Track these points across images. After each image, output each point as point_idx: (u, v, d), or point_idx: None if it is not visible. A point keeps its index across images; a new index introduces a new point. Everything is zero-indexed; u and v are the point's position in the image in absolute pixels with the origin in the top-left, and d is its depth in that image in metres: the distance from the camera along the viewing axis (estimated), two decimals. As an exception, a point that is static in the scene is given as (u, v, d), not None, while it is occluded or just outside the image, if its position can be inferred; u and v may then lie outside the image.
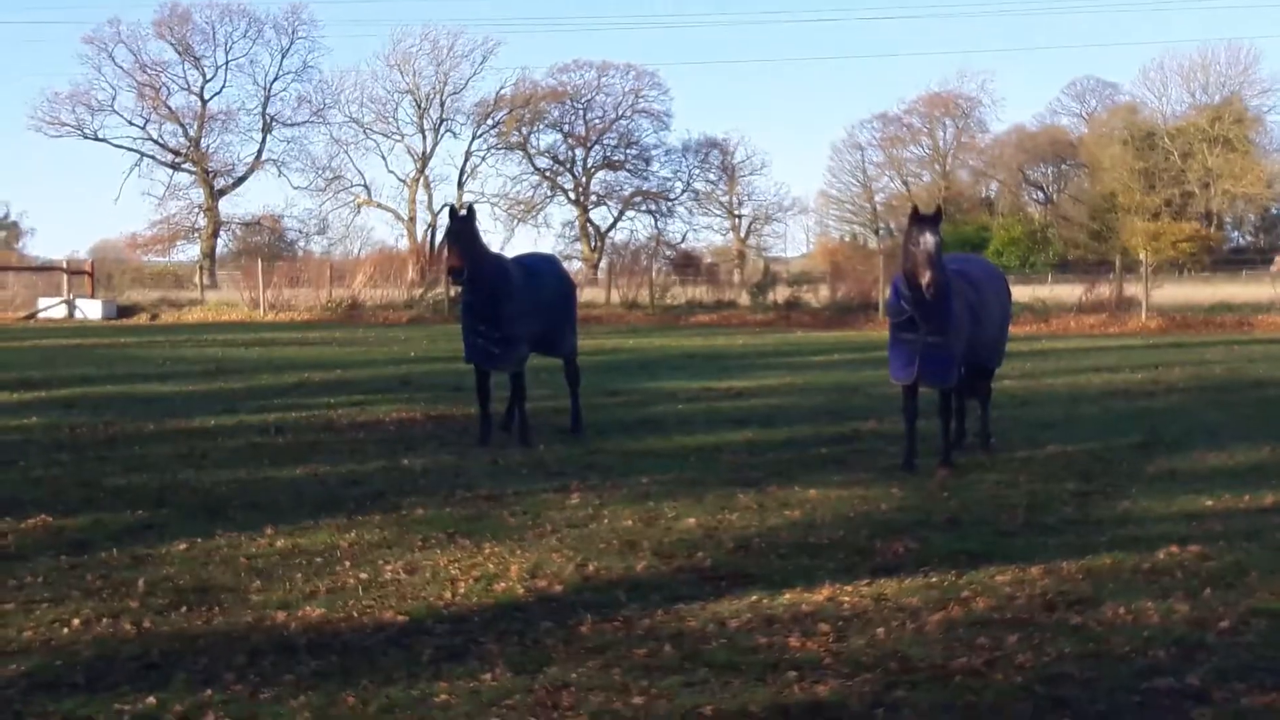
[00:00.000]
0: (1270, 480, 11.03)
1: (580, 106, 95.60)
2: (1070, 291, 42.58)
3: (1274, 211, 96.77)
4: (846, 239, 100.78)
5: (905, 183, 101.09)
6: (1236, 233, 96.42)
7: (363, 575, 8.09)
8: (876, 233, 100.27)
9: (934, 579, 7.89)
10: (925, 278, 11.24)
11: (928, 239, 11.30)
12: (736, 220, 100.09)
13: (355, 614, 7.28)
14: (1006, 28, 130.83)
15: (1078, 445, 13.13)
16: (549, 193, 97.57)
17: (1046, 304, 39.04)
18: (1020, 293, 32.45)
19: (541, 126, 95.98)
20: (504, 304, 13.37)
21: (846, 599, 7.47)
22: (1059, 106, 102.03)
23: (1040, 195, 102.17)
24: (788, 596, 7.52)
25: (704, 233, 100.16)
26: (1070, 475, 11.45)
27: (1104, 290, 41.13)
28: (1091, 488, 10.89)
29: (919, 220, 11.54)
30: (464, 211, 13.40)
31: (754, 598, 7.51)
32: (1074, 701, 5.81)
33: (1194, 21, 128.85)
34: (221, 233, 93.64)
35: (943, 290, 11.35)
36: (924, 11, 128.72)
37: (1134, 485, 10.97)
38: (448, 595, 7.65)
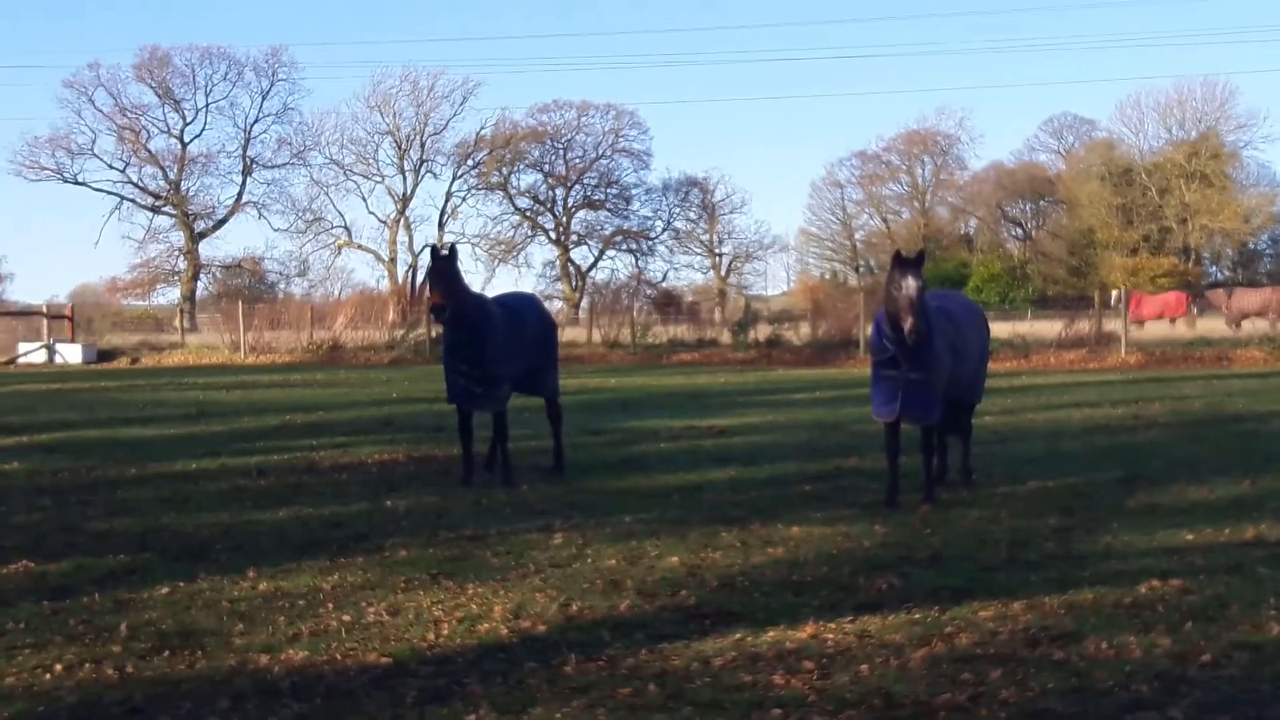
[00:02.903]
0: (1250, 514, 11.08)
1: (560, 146, 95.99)
2: (1050, 327, 42.81)
3: (1251, 246, 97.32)
4: (827, 276, 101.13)
5: (885, 220, 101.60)
6: (1215, 267, 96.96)
7: (346, 617, 8.08)
8: (857, 270, 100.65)
9: (917, 615, 7.90)
10: (908, 324, 11.26)
11: (910, 284, 11.30)
12: (717, 258, 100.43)
13: (339, 656, 7.26)
14: (984, 65, 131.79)
15: (1059, 480, 13.17)
16: (530, 232, 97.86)
17: (1026, 340, 39.19)
18: (1000, 329, 32.61)
19: (522, 166, 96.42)
20: (486, 344, 13.37)
21: (830, 636, 7.47)
22: (1037, 143, 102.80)
23: (1019, 232, 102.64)
24: (771, 634, 7.53)
25: (685, 271, 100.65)
26: (1052, 510, 11.48)
27: (1083, 326, 41.38)
28: (1073, 523, 10.92)
29: (902, 264, 11.53)
30: (446, 251, 13.42)
31: (738, 635, 7.51)
32: (1057, 736, 5.82)
33: (1170, 58, 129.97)
34: (201, 275, 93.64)
35: (924, 334, 11.39)
36: (902, 50, 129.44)
37: (1115, 520, 11.00)
38: (431, 637, 7.64)
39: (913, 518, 11.27)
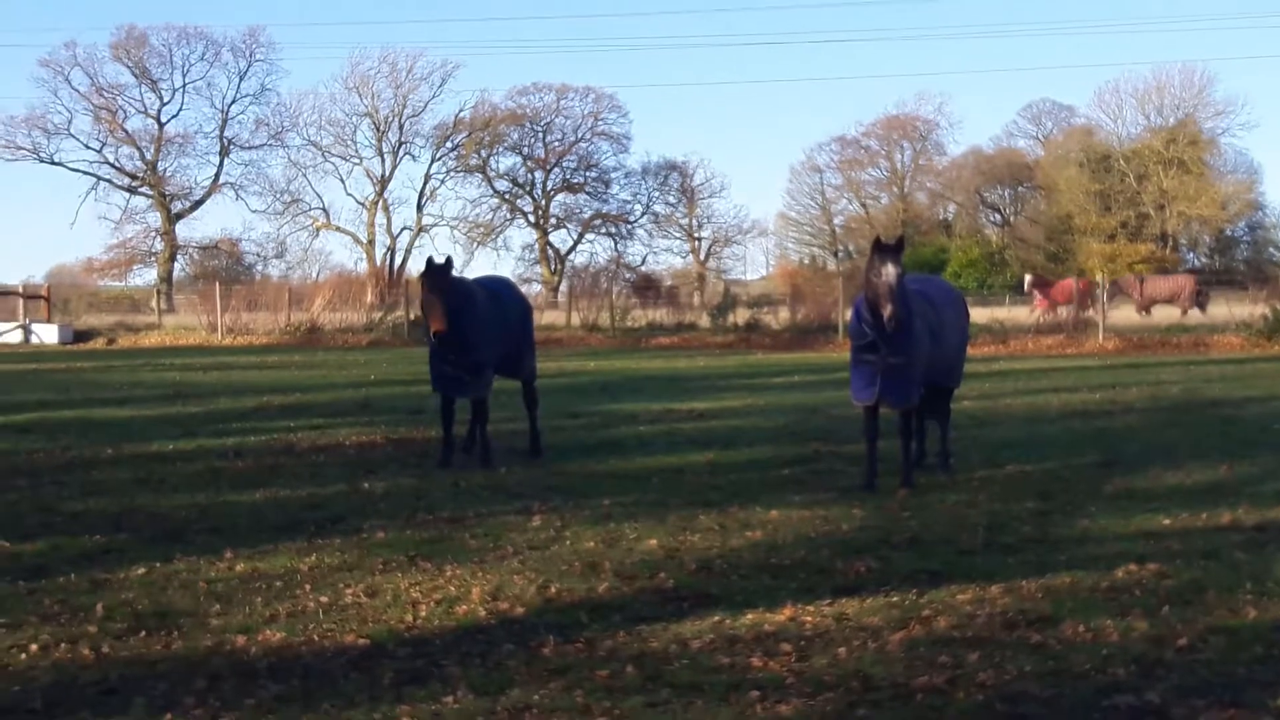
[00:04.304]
0: (1227, 499, 11.12)
1: (539, 129, 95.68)
2: (1028, 313, 42.89)
3: (1228, 233, 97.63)
4: (806, 261, 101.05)
5: (864, 205, 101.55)
6: (1192, 254, 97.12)
7: (323, 599, 8.06)
8: (835, 255, 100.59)
9: (895, 598, 7.91)
10: (887, 310, 11.28)
11: (890, 270, 11.31)
12: (696, 243, 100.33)
13: (316, 637, 7.24)
14: (963, 51, 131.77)
15: (1037, 465, 13.20)
16: (508, 215, 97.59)
17: (1004, 325, 39.28)
18: (978, 314, 32.66)
19: (501, 149, 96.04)
20: (473, 330, 13.29)
21: (808, 619, 7.48)
22: (1015, 129, 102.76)
23: (997, 217, 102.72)
24: (750, 617, 7.53)
25: (664, 255, 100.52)
26: (1029, 495, 11.51)
27: (1061, 311, 41.47)
28: (1050, 507, 10.94)
29: (881, 250, 11.54)
30: (441, 261, 13.29)
31: (716, 618, 7.51)
32: (1035, 719, 5.83)
33: (1149, 44, 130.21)
34: (179, 257, 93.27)
35: (904, 320, 11.41)
36: (882, 34, 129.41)
37: (1093, 504, 11.03)
38: (409, 618, 7.62)
39: (891, 501, 11.28)
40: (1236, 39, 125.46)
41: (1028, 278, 54.56)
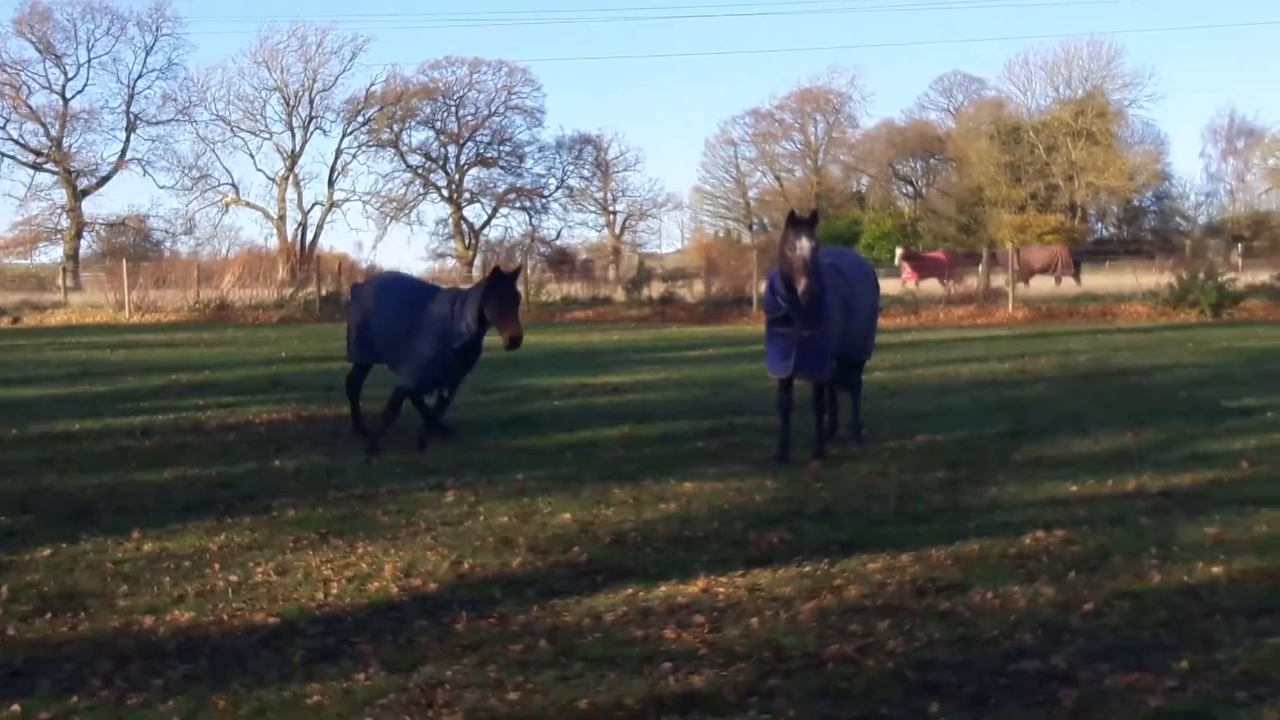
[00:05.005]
0: (1133, 466, 11.28)
1: (452, 103, 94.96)
2: (939, 284, 43.26)
3: (1136, 203, 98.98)
4: (721, 234, 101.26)
5: (778, 178, 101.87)
6: (1100, 224, 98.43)
7: (233, 578, 7.99)
8: (750, 228, 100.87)
9: (807, 568, 7.97)
10: (801, 284, 11.35)
11: (804, 244, 11.37)
12: (611, 216, 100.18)
13: (225, 617, 7.19)
14: (876, 24, 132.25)
15: (947, 435, 13.33)
16: (421, 190, 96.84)
17: (916, 296, 39.55)
18: (890, 286, 32.90)
19: (413, 124, 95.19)
20: None
21: (721, 590, 7.52)
22: (927, 102, 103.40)
23: (910, 189, 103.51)
24: (663, 589, 7.56)
25: (579, 229, 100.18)
26: (940, 464, 11.62)
27: (972, 282, 41.89)
28: (960, 476, 11.06)
29: (795, 223, 11.60)
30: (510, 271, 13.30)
31: (630, 591, 7.53)
32: (944, 685, 5.90)
33: (1058, 16, 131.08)
34: (85, 234, 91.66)
35: (818, 293, 11.47)
36: (795, 7, 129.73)
37: (1001, 473, 11.16)
38: (320, 596, 7.58)
39: (803, 473, 11.36)
40: (1144, 10, 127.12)
41: (899, 250, 55.71)
